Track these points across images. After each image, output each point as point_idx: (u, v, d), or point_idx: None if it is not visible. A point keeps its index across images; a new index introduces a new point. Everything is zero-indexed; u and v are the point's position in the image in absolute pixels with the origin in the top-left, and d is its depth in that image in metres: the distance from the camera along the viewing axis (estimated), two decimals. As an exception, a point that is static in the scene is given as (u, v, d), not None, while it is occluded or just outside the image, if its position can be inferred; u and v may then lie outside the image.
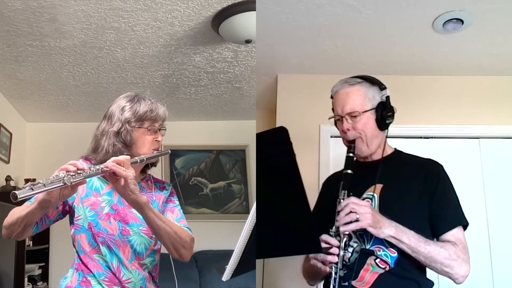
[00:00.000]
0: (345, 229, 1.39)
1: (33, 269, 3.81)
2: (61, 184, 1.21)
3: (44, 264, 4.03)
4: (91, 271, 1.47)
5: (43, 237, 3.99)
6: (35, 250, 3.87)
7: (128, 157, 1.39)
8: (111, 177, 1.36)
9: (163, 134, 1.60)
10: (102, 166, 1.33)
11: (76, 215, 1.50)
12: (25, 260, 3.50)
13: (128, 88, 3.69)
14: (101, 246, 1.47)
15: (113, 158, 1.36)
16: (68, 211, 1.52)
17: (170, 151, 1.67)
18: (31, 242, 3.88)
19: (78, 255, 1.51)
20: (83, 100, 4.07)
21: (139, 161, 1.47)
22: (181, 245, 1.46)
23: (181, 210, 1.63)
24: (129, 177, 1.34)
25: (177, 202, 1.66)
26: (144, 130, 1.54)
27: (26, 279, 3.60)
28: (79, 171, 1.27)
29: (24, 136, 4.57)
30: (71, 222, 1.53)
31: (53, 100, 4.05)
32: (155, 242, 1.56)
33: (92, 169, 1.31)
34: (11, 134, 4.08)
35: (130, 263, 1.49)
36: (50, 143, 4.55)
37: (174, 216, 1.57)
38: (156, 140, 1.56)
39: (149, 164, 1.62)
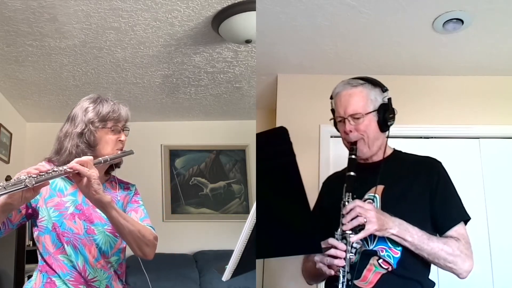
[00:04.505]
0: (355, 239, 1.39)
1: (33, 269, 3.79)
2: (23, 186, 1.21)
3: (44, 264, 4.03)
4: (55, 272, 1.48)
5: (43, 237, 3.98)
6: (35, 250, 3.84)
7: (91, 157, 1.40)
8: (75, 177, 1.36)
9: (127, 135, 1.61)
10: (65, 167, 1.32)
11: (40, 216, 1.50)
12: (25, 260, 3.50)
13: (128, 88, 3.69)
14: (66, 246, 1.48)
15: (76, 159, 1.36)
16: (32, 214, 1.51)
17: (133, 152, 1.63)
18: (31, 242, 3.87)
19: (42, 257, 1.52)
20: (83, 100, 4.06)
21: (103, 162, 1.48)
22: (144, 243, 1.48)
23: (145, 210, 1.64)
24: (93, 176, 1.34)
25: (141, 202, 1.67)
26: (107, 130, 1.55)
27: (26, 279, 3.59)
28: (41, 173, 1.26)
29: (24, 136, 4.57)
30: (35, 224, 1.52)
31: (53, 100, 4.05)
32: (120, 241, 1.56)
33: (55, 170, 1.30)
34: (11, 134, 4.08)
35: (96, 262, 1.50)
36: (50, 143, 4.42)
37: (138, 216, 1.59)
38: (119, 140, 1.57)
39: (113, 166, 1.61)
